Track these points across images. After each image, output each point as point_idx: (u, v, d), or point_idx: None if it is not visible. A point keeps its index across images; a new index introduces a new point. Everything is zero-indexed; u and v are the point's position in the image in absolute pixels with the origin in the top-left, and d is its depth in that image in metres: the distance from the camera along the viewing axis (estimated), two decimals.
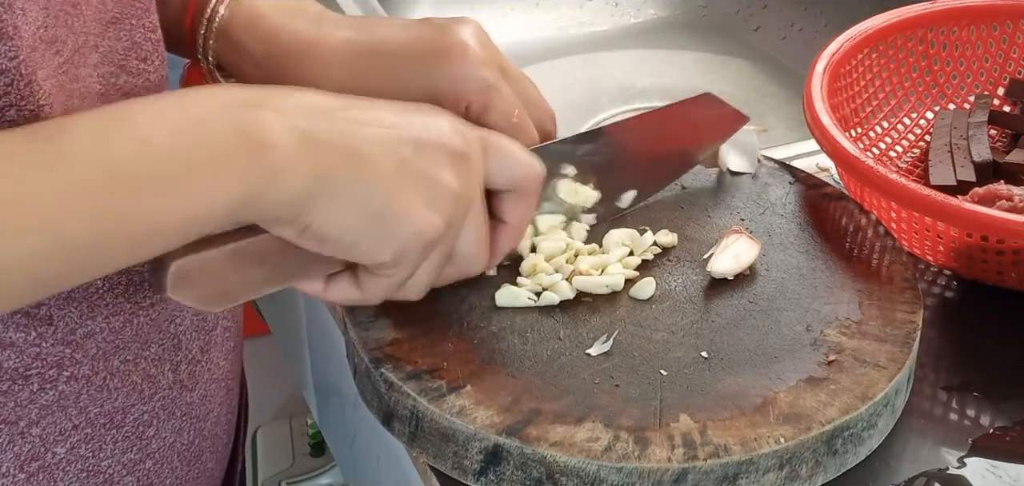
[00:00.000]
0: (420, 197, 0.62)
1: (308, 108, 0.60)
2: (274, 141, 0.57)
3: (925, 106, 0.97)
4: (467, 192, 0.64)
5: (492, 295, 0.73)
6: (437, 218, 0.62)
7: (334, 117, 0.60)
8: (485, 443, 0.64)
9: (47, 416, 0.69)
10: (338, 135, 0.60)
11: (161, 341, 0.74)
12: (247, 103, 0.58)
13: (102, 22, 0.68)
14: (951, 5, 0.97)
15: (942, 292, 0.82)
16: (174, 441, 0.77)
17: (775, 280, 0.75)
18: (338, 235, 0.60)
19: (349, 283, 0.65)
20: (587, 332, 0.71)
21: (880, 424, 0.68)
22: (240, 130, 0.57)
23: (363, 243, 0.61)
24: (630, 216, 0.81)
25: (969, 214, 0.75)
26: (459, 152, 0.63)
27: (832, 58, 0.89)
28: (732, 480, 0.63)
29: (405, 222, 0.61)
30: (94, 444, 0.71)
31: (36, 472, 0.69)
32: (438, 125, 0.64)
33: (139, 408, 0.73)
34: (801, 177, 0.85)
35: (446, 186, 0.62)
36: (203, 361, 0.79)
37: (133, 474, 0.74)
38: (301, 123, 0.58)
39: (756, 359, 0.69)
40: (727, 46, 1.34)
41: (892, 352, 0.70)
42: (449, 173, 0.62)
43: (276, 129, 0.58)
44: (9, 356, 0.67)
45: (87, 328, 0.69)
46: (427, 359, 0.68)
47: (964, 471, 0.68)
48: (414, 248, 0.62)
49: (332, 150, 0.59)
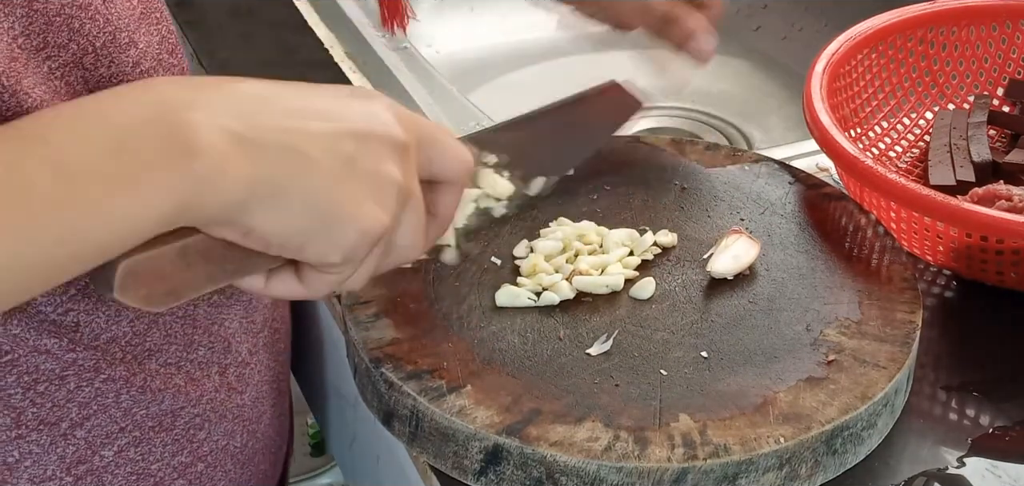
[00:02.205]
0: (366, 193, 0.59)
1: (240, 104, 0.56)
2: (203, 147, 0.53)
3: (925, 106, 0.97)
4: (408, 183, 0.61)
5: (492, 295, 0.73)
6: (383, 214, 0.59)
7: (271, 111, 0.57)
8: (485, 443, 0.64)
9: (90, 418, 0.69)
10: (275, 133, 0.56)
11: (210, 344, 0.74)
12: (173, 106, 0.54)
13: (134, 17, 0.68)
14: (951, 5, 0.97)
15: (942, 292, 0.82)
16: (227, 444, 0.76)
17: (775, 280, 0.75)
18: (284, 238, 0.57)
19: (292, 278, 0.62)
20: (587, 332, 0.71)
21: (879, 424, 0.68)
22: (167, 140, 0.53)
23: (311, 245, 0.58)
24: (630, 216, 0.81)
25: (969, 214, 0.75)
26: (401, 142, 0.60)
27: (832, 58, 0.89)
28: (732, 480, 0.63)
29: (354, 220, 0.58)
30: (143, 447, 0.71)
31: (83, 475, 0.69)
32: (380, 115, 0.60)
33: (189, 411, 0.73)
34: (801, 177, 0.85)
35: (391, 180, 0.60)
36: (253, 364, 0.78)
37: (184, 477, 0.74)
38: (233, 124, 0.55)
39: (756, 359, 0.69)
40: (727, 46, 1.33)
41: (892, 352, 0.70)
42: (393, 166, 0.60)
43: (205, 133, 0.54)
44: (45, 360, 0.67)
45: (111, 333, 0.69)
46: (427, 359, 0.68)
47: (963, 471, 0.68)
48: (363, 245, 0.59)
49: (269, 151, 0.55)
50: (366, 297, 0.73)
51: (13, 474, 0.68)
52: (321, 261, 0.59)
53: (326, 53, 1.11)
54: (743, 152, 0.89)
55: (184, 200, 0.54)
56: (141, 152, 0.53)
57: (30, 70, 0.62)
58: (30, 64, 0.62)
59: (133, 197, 0.53)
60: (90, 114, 0.54)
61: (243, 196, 0.55)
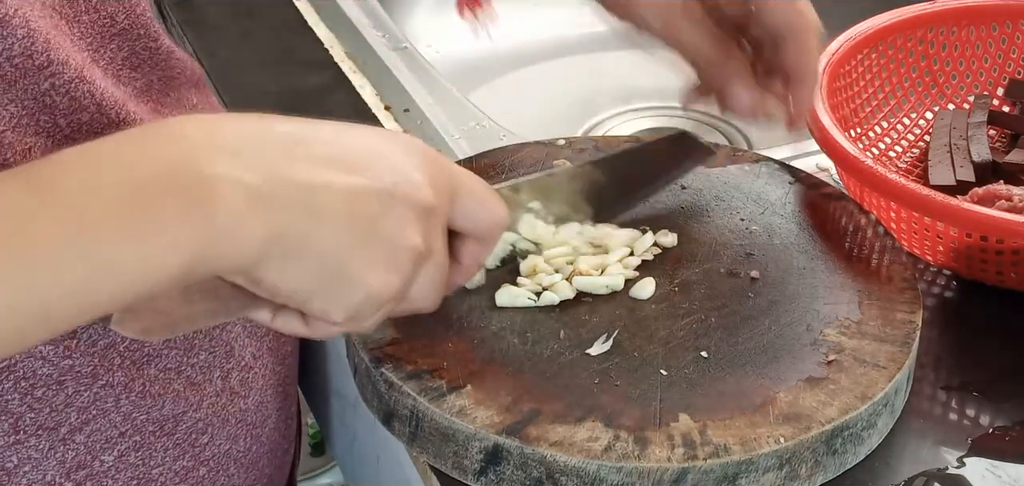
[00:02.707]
0: (380, 259, 0.58)
1: (265, 151, 0.55)
2: (225, 204, 0.53)
3: (925, 106, 0.97)
4: (429, 246, 0.60)
5: (492, 295, 0.73)
6: (395, 279, 0.58)
7: (295, 158, 0.55)
8: (485, 443, 0.64)
9: (89, 423, 0.69)
10: (295, 189, 0.55)
11: (211, 349, 0.74)
12: (196, 157, 0.53)
13: (106, 35, 0.68)
14: (951, 5, 0.97)
15: (942, 292, 0.82)
16: (230, 449, 0.76)
17: (775, 280, 0.75)
18: (291, 292, 0.57)
19: (297, 320, 0.60)
20: (587, 332, 0.71)
21: (879, 424, 0.68)
22: (186, 195, 0.52)
23: (317, 300, 0.57)
24: (630, 216, 0.80)
25: (968, 214, 0.75)
26: (428, 206, 0.59)
27: (832, 58, 0.89)
28: (732, 480, 0.63)
29: (361, 285, 0.57)
30: (144, 452, 0.71)
31: (84, 480, 0.69)
32: (411, 175, 0.59)
33: (191, 416, 0.73)
34: (801, 177, 0.85)
35: (409, 247, 0.58)
36: (256, 368, 0.78)
37: (187, 482, 0.73)
38: (255, 178, 0.54)
39: (756, 359, 0.69)
40: None
41: (892, 352, 0.70)
42: (414, 231, 0.58)
43: (227, 188, 0.53)
44: (42, 365, 0.67)
45: (109, 339, 0.69)
46: (427, 359, 0.68)
47: (963, 471, 0.68)
48: (369, 308, 0.59)
49: (287, 207, 0.54)
50: None
51: (12, 479, 0.67)
52: (325, 317, 0.59)
53: (326, 53, 1.11)
54: (743, 152, 0.89)
55: (199, 255, 0.53)
56: (159, 208, 0.52)
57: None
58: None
59: (148, 252, 0.52)
60: (107, 162, 0.53)
61: (257, 252, 0.54)
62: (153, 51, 0.72)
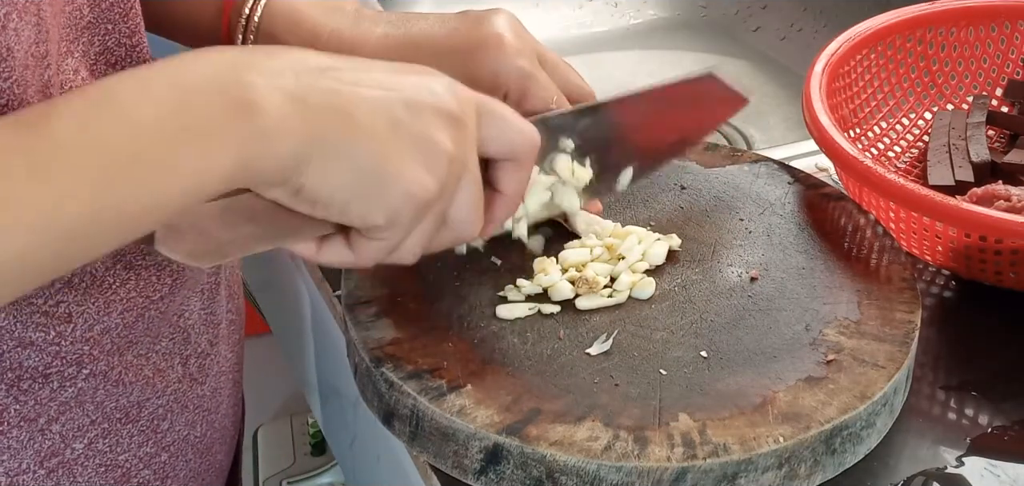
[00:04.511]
0: (414, 158, 0.60)
1: (299, 69, 0.58)
2: (265, 106, 0.56)
3: (924, 106, 0.97)
4: (461, 155, 0.62)
5: (492, 296, 0.73)
6: (431, 179, 0.60)
7: (326, 77, 0.59)
8: (485, 442, 0.64)
9: (66, 413, 0.70)
10: (330, 96, 0.58)
11: (171, 335, 0.75)
12: (236, 67, 0.56)
13: (78, 27, 0.68)
14: (950, 5, 0.97)
15: (941, 292, 0.82)
16: (188, 434, 0.78)
17: (774, 280, 0.76)
18: (330, 196, 0.59)
19: (342, 245, 0.63)
20: (587, 332, 0.71)
21: (878, 423, 0.68)
22: (230, 98, 0.55)
23: (355, 204, 0.59)
24: (632, 217, 0.81)
25: (967, 214, 0.76)
26: (454, 114, 0.61)
27: (831, 58, 0.90)
28: (731, 479, 0.63)
29: (399, 183, 0.59)
30: (111, 439, 0.72)
31: (55, 468, 0.70)
32: (432, 86, 0.62)
33: (153, 402, 0.74)
34: (800, 177, 0.85)
35: (440, 147, 0.60)
36: (212, 354, 0.79)
37: (149, 467, 0.75)
38: (292, 85, 0.57)
39: (755, 359, 0.69)
40: (727, 46, 1.34)
41: (891, 352, 0.70)
42: (443, 135, 0.60)
43: (267, 93, 0.56)
44: (29, 355, 0.67)
45: (104, 324, 0.70)
46: (427, 359, 0.69)
47: (962, 470, 0.68)
48: (407, 209, 0.60)
49: (324, 111, 0.57)
50: (366, 297, 0.73)
51: None
52: (365, 222, 0.60)
53: None
54: (742, 152, 0.89)
55: (246, 157, 0.55)
56: (208, 110, 0.55)
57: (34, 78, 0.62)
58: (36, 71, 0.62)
59: (201, 153, 0.55)
60: (157, 76, 0.56)
61: (297, 153, 0.57)
62: (129, 48, 0.72)
